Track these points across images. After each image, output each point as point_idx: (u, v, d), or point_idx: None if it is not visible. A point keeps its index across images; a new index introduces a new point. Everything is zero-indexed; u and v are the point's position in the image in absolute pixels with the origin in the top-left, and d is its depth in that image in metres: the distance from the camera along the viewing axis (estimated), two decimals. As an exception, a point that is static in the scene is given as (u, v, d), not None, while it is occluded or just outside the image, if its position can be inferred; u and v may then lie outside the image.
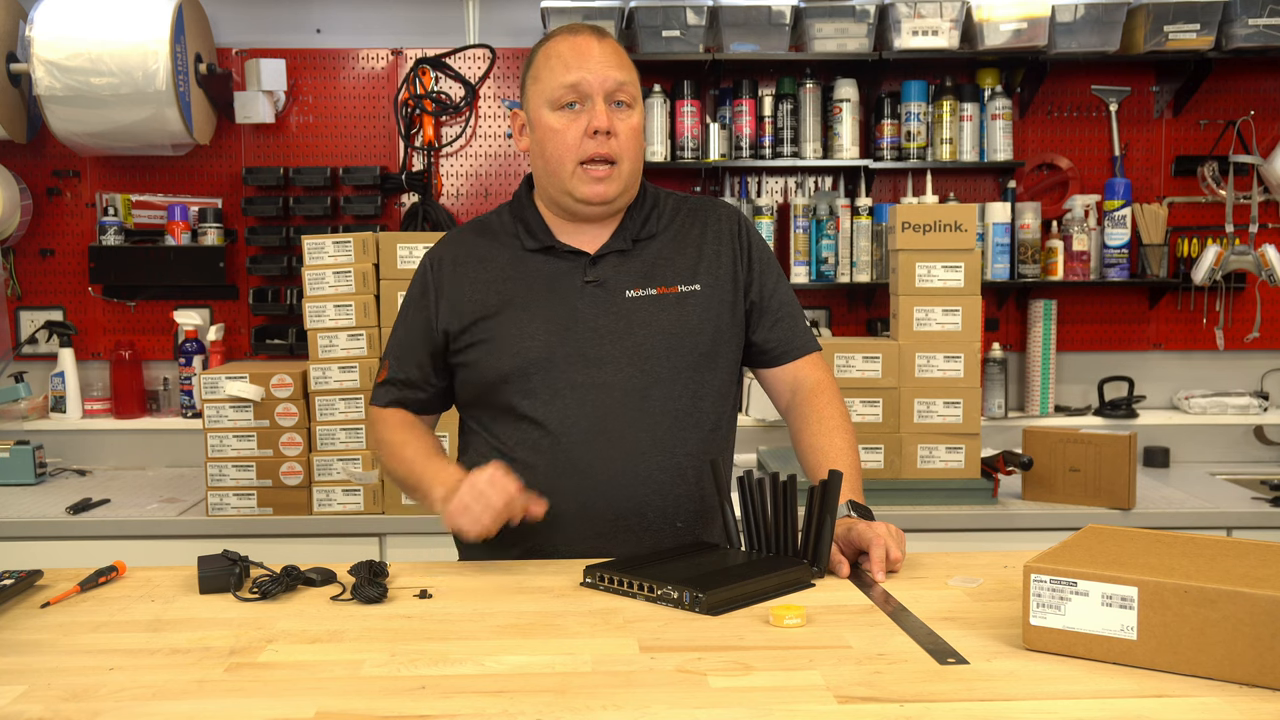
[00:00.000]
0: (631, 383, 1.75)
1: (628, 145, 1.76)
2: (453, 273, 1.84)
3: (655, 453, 1.75)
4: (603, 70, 1.74)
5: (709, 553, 1.65)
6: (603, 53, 1.75)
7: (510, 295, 1.80)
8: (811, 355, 1.89)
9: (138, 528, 2.83)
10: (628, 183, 1.79)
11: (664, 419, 1.76)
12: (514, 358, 1.76)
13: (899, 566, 1.62)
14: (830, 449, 1.79)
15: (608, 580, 1.54)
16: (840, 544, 1.63)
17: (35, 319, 3.55)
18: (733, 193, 3.54)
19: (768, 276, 1.88)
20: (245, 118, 3.46)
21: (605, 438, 1.74)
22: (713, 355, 1.81)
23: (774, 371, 1.90)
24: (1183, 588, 1.18)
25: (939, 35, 3.30)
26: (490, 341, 1.78)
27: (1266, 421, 3.52)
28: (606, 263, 1.81)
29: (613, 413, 1.75)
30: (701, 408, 1.80)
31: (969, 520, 2.80)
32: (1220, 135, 3.55)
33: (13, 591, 1.52)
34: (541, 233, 1.83)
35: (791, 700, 1.15)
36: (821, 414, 1.83)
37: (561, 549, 1.76)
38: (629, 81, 1.77)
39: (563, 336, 1.76)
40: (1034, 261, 3.48)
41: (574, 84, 1.73)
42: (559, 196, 1.80)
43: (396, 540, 2.85)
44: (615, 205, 1.80)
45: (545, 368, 1.75)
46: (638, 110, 1.79)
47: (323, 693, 1.18)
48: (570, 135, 1.74)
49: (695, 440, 1.79)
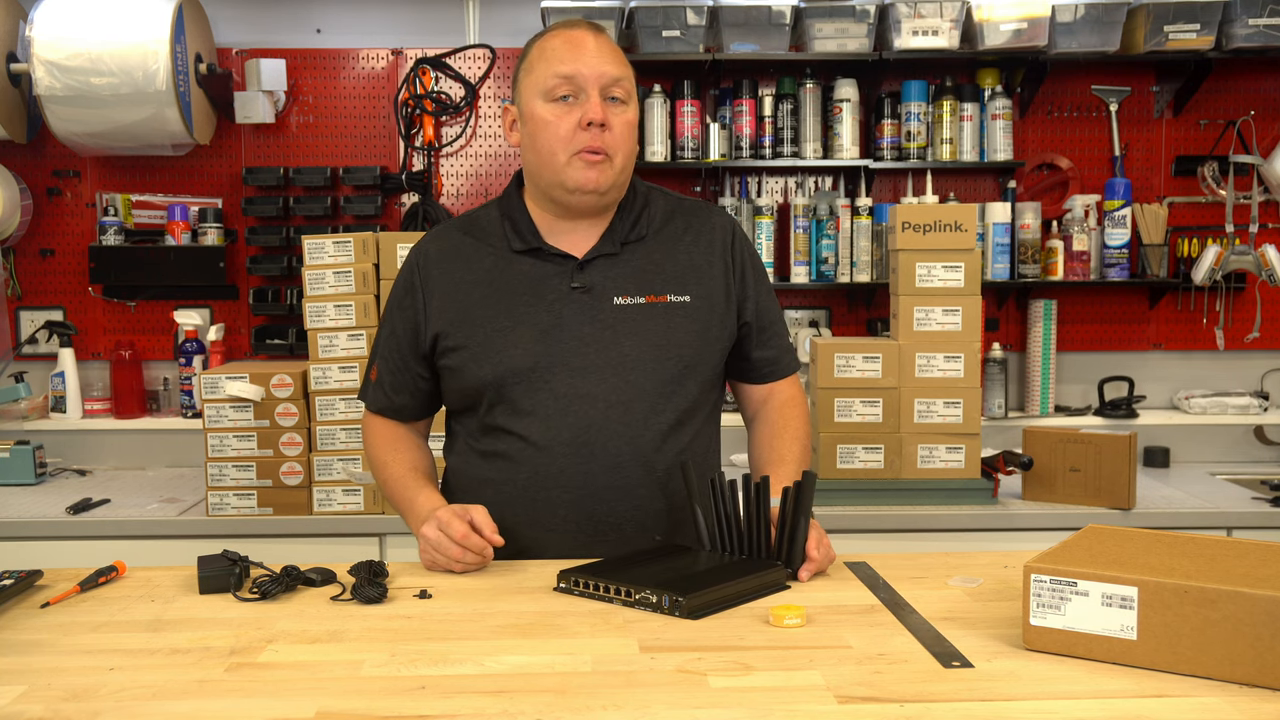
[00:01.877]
0: (615, 394, 1.73)
1: (621, 139, 1.74)
2: (440, 271, 1.82)
3: (635, 466, 1.74)
4: (598, 64, 1.72)
5: (682, 555, 1.64)
6: (598, 47, 1.73)
7: (494, 299, 1.78)
8: (791, 375, 1.93)
9: (138, 528, 2.83)
10: (619, 178, 1.76)
11: (645, 432, 1.74)
12: (497, 366, 1.74)
13: (822, 567, 1.62)
14: (783, 449, 1.82)
15: (582, 585, 1.52)
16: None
17: (35, 319, 3.55)
18: (733, 193, 3.54)
19: (761, 293, 1.87)
20: (245, 118, 3.46)
21: (587, 450, 1.72)
22: (696, 367, 1.79)
23: (753, 386, 1.92)
24: (1183, 588, 1.18)
25: (939, 35, 3.30)
26: (473, 348, 1.76)
27: (1266, 421, 3.52)
28: (594, 267, 1.78)
29: (595, 424, 1.73)
30: (682, 420, 1.78)
31: (969, 520, 2.80)
32: (1220, 135, 3.55)
33: (13, 591, 1.52)
34: (529, 234, 1.80)
35: (791, 700, 1.15)
36: (787, 422, 1.86)
37: (538, 559, 1.74)
38: (624, 77, 1.75)
39: (547, 345, 1.74)
40: (1034, 261, 3.48)
41: (569, 76, 1.71)
42: (549, 189, 1.77)
43: (396, 540, 2.85)
44: (606, 198, 1.77)
45: (528, 377, 1.74)
46: (632, 106, 1.77)
47: (323, 693, 1.18)
48: (563, 127, 1.72)
49: (674, 452, 1.77)
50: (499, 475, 1.77)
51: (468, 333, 1.77)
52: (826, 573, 1.63)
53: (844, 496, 2.84)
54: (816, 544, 1.60)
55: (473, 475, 1.82)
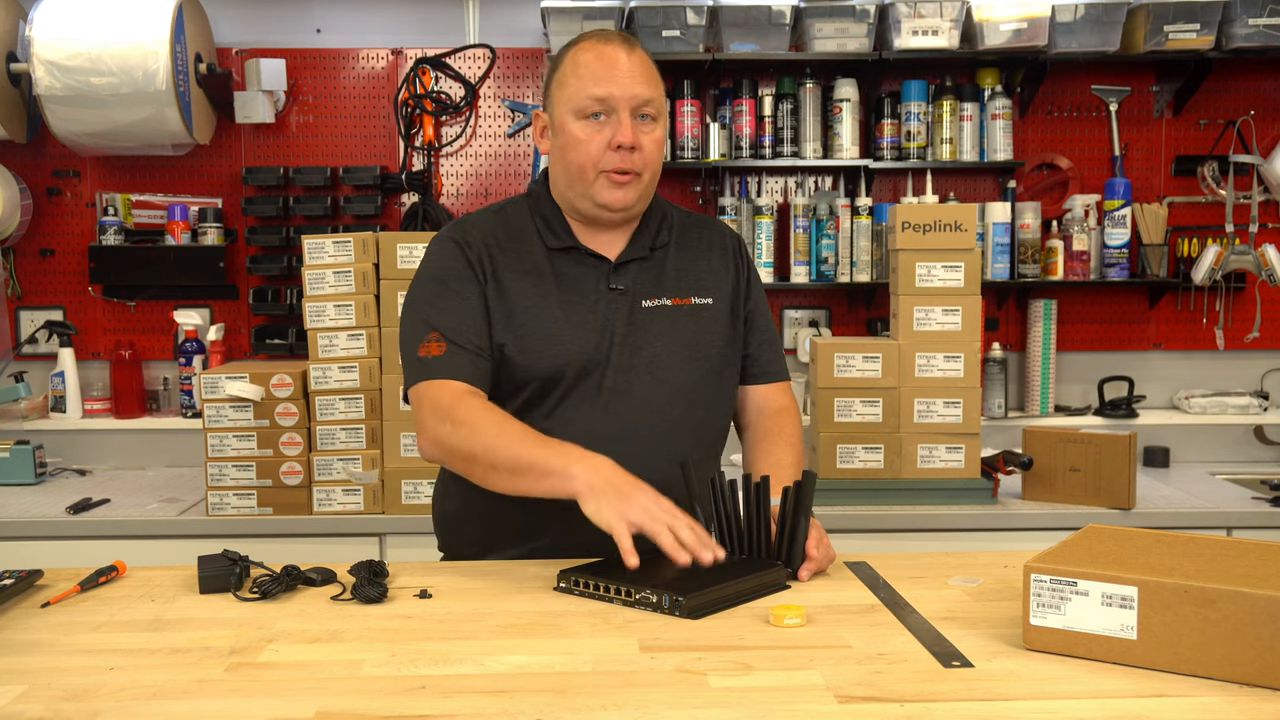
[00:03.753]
0: (650, 393, 1.77)
1: (650, 158, 1.77)
2: (488, 255, 1.78)
3: (668, 465, 1.73)
4: (630, 86, 1.73)
5: None
6: (630, 66, 1.74)
7: (543, 292, 1.78)
8: (782, 382, 1.94)
9: (138, 528, 2.83)
10: (646, 192, 1.81)
11: (677, 430, 1.78)
12: (553, 359, 1.74)
13: (822, 566, 1.62)
14: (777, 454, 1.82)
15: (583, 585, 1.52)
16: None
17: (35, 319, 3.55)
18: (733, 192, 3.54)
19: (759, 299, 1.94)
20: (245, 118, 3.46)
21: (622, 446, 1.71)
22: (721, 369, 1.84)
23: (744, 389, 1.93)
24: (1183, 588, 1.18)
25: (939, 35, 3.30)
26: (522, 338, 1.75)
27: (1266, 421, 3.52)
28: (627, 270, 1.82)
29: (630, 422, 1.75)
30: (709, 420, 1.83)
31: (969, 520, 2.80)
32: (1220, 135, 3.55)
33: (13, 591, 1.52)
34: (563, 232, 1.82)
35: (791, 700, 1.15)
36: (781, 429, 1.88)
37: (568, 554, 1.74)
38: (655, 97, 1.77)
39: (595, 343, 1.76)
40: (1034, 261, 3.48)
41: (601, 97, 1.73)
42: (578, 201, 1.80)
43: (396, 540, 2.85)
44: (632, 212, 1.81)
45: (576, 373, 1.75)
46: (661, 124, 1.79)
47: (323, 693, 1.18)
48: (594, 146, 1.74)
49: (701, 452, 1.81)
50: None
51: (519, 320, 1.77)
52: (826, 573, 1.63)
53: (844, 496, 2.84)
54: (817, 543, 1.61)
55: None
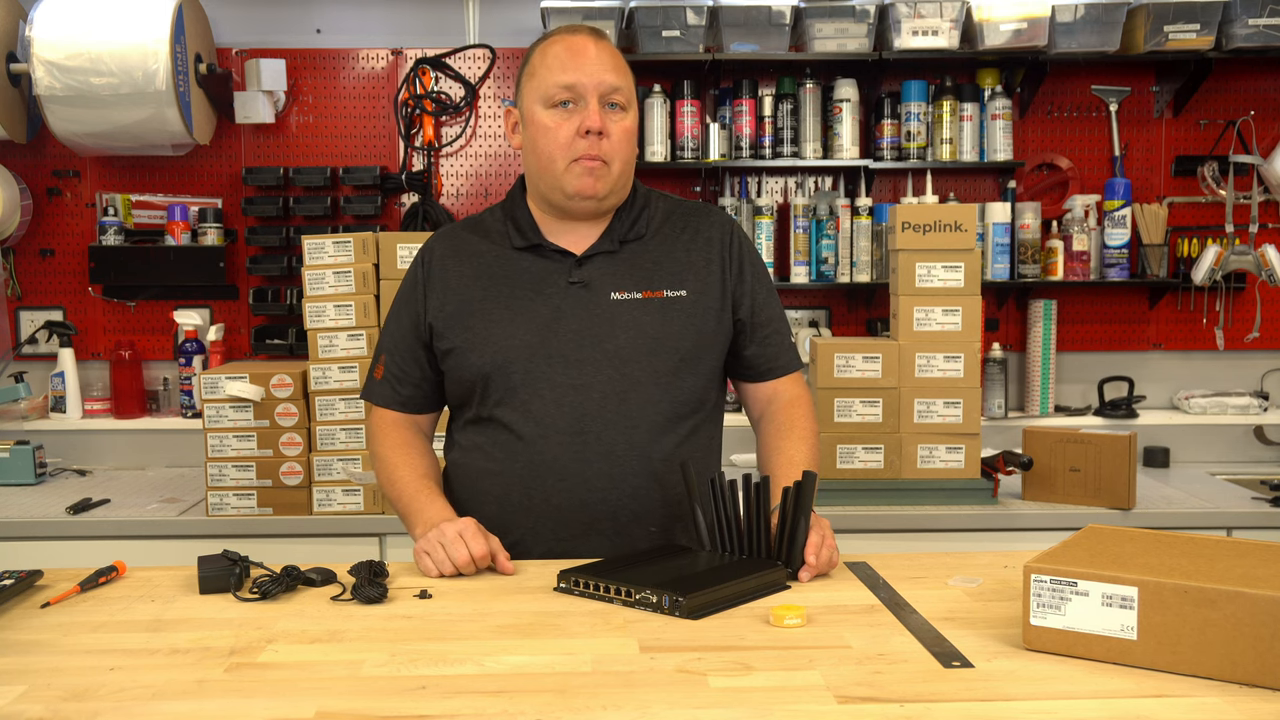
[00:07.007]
0: (610, 386, 1.76)
1: (619, 146, 1.77)
2: (442, 267, 1.86)
3: (631, 457, 1.76)
4: (598, 73, 1.75)
5: (682, 555, 1.65)
6: (599, 55, 1.76)
7: (494, 292, 1.81)
8: (793, 373, 1.92)
9: (138, 528, 2.83)
10: (617, 184, 1.80)
11: (641, 423, 1.77)
12: (494, 355, 1.78)
13: (823, 570, 1.62)
14: (790, 449, 1.81)
15: (583, 585, 1.52)
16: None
17: (35, 319, 3.55)
18: (733, 193, 3.54)
19: (758, 291, 1.88)
20: (245, 118, 3.46)
21: (582, 439, 1.75)
22: (693, 361, 1.81)
23: (754, 386, 1.92)
24: (1183, 588, 1.18)
25: (939, 35, 3.30)
26: (471, 338, 1.80)
27: (1266, 421, 3.52)
28: (593, 264, 1.82)
29: (590, 415, 1.75)
30: (680, 413, 1.80)
31: (969, 520, 2.80)
32: (1220, 135, 3.55)
33: (13, 591, 1.52)
34: (530, 231, 1.84)
35: (791, 700, 1.15)
36: (794, 422, 1.86)
37: (533, 550, 1.77)
38: (624, 85, 1.78)
39: (544, 337, 1.77)
40: (1034, 261, 3.48)
41: (569, 84, 1.75)
42: (549, 192, 1.81)
43: (396, 540, 2.85)
44: (605, 204, 1.81)
45: (525, 367, 1.77)
46: (631, 113, 1.80)
47: (323, 693, 1.18)
48: (562, 134, 1.75)
49: (671, 445, 1.79)
50: (496, 465, 1.80)
51: (466, 323, 1.81)
52: (827, 573, 1.63)
53: (844, 496, 2.84)
54: (819, 546, 1.60)
55: (471, 467, 1.84)
